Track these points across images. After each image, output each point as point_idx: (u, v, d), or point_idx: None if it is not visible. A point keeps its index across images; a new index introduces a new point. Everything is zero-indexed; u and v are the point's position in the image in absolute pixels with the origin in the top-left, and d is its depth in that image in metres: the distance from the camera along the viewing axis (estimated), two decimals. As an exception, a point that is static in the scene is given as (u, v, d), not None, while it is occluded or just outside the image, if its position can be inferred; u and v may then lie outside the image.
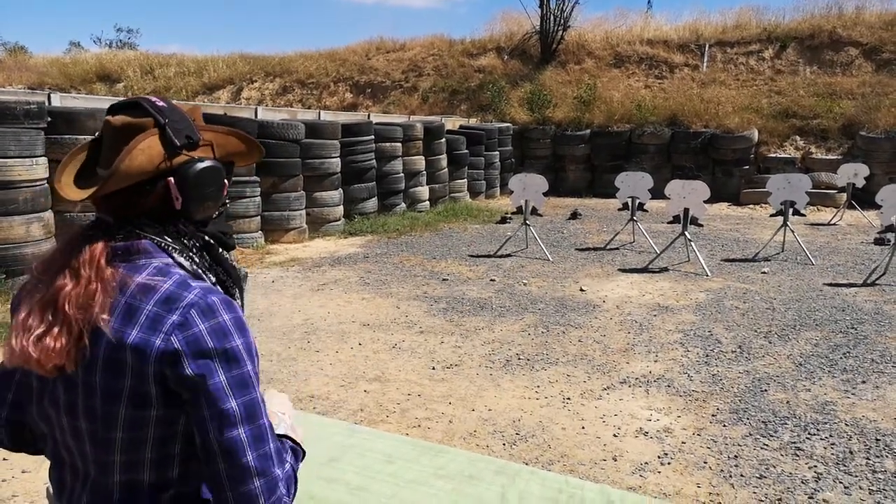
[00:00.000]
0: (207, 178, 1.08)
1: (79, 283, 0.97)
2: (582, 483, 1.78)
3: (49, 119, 6.18)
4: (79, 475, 1.06)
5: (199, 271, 1.06)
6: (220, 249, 1.14)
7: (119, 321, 0.97)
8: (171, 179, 1.04)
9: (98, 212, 1.07)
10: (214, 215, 1.14)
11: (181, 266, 1.04)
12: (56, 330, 0.96)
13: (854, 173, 11.26)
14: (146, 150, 1.01)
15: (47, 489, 1.93)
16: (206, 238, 1.11)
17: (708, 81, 16.61)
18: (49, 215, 6.11)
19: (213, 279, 1.10)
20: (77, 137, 6.36)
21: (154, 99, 1.07)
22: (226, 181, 1.14)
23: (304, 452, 1.16)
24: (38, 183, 5.97)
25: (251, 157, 1.20)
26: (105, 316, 0.96)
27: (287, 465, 1.05)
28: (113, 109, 1.07)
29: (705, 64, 17.33)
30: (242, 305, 1.16)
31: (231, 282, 1.14)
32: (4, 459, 3.18)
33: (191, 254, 1.07)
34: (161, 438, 1.00)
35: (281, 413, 1.19)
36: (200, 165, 1.07)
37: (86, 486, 1.05)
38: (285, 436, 1.13)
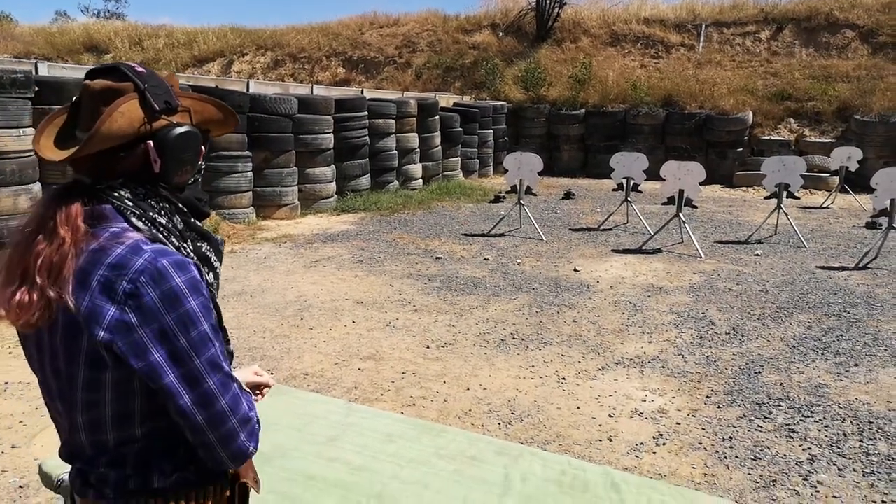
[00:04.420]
0: (186, 142, 1.10)
1: (52, 243, 0.98)
2: (584, 464, 1.76)
3: (36, 89, 6.05)
4: (61, 430, 1.11)
5: (162, 235, 1.06)
6: (192, 217, 1.15)
7: (75, 286, 0.98)
8: (151, 143, 1.06)
9: (77, 173, 1.08)
10: (190, 181, 1.16)
11: (137, 230, 1.04)
12: (26, 287, 0.97)
13: (847, 157, 11.26)
14: (126, 113, 1.03)
15: (39, 465, 1.90)
16: (179, 204, 1.12)
17: (704, 62, 16.52)
18: (37, 187, 5.99)
19: (189, 244, 1.11)
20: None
21: (133, 64, 1.09)
22: (202, 147, 1.16)
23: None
24: (25, 154, 5.85)
25: (227, 125, 1.23)
26: (70, 280, 0.97)
27: (249, 396, 1.10)
28: (92, 74, 1.08)
29: (701, 44, 17.22)
30: (219, 271, 1.20)
31: (208, 246, 1.16)
32: (-6, 434, 3.14)
33: (157, 217, 1.07)
34: (118, 398, 1.01)
35: None
36: (179, 130, 1.08)
37: (66, 443, 1.10)
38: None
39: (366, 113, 10.47)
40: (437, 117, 12.40)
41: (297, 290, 5.68)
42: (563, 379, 3.96)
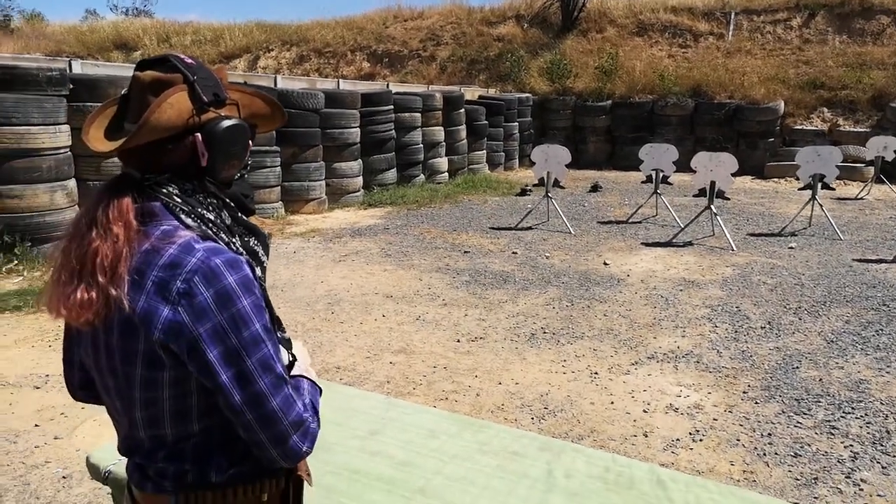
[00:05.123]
0: (234, 135, 1.09)
1: (107, 239, 0.98)
2: (629, 461, 1.74)
3: (71, 86, 6.15)
4: (120, 426, 1.12)
5: (212, 232, 1.05)
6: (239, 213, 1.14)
7: (130, 285, 0.98)
8: (199, 135, 1.05)
9: (126, 166, 1.07)
10: (237, 176, 1.15)
11: (188, 227, 1.03)
12: (84, 285, 0.97)
13: (884, 146, 10.96)
14: (175, 105, 1.01)
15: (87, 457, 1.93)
16: (226, 199, 1.11)
17: (733, 51, 16.22)
18: (72, 184, 6.11)
19: (238, 240, 1.10)
20: (99, 105, 6.33)
21: (183, 56, 1.08)
22: (250, 142, 1.15)
23: (320, 389, 1.19)
24: (61, 151, 5.96)
25: (274, 121, 1.22)
26: (126, 279, 0.97)
27: (307, 397, 1.09)
28: (142, 65, 1.07)
29: (731, 33, 16.90)
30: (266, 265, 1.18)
31: (256, 241, 1.15)
32: (36, 426, 3.21)
33: (205, 213, 1.06)
34: (176, 396, 1.02)
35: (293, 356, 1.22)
36: (227, 123, 1.07)
37: (125, 438, 1.11)
38: (301, 376, 1.16)
39: (392, 107, 10.47)
40: (462, 110, 12.36)
41: (327, 284, 5.71)
42: (596, 373, 3.93)
